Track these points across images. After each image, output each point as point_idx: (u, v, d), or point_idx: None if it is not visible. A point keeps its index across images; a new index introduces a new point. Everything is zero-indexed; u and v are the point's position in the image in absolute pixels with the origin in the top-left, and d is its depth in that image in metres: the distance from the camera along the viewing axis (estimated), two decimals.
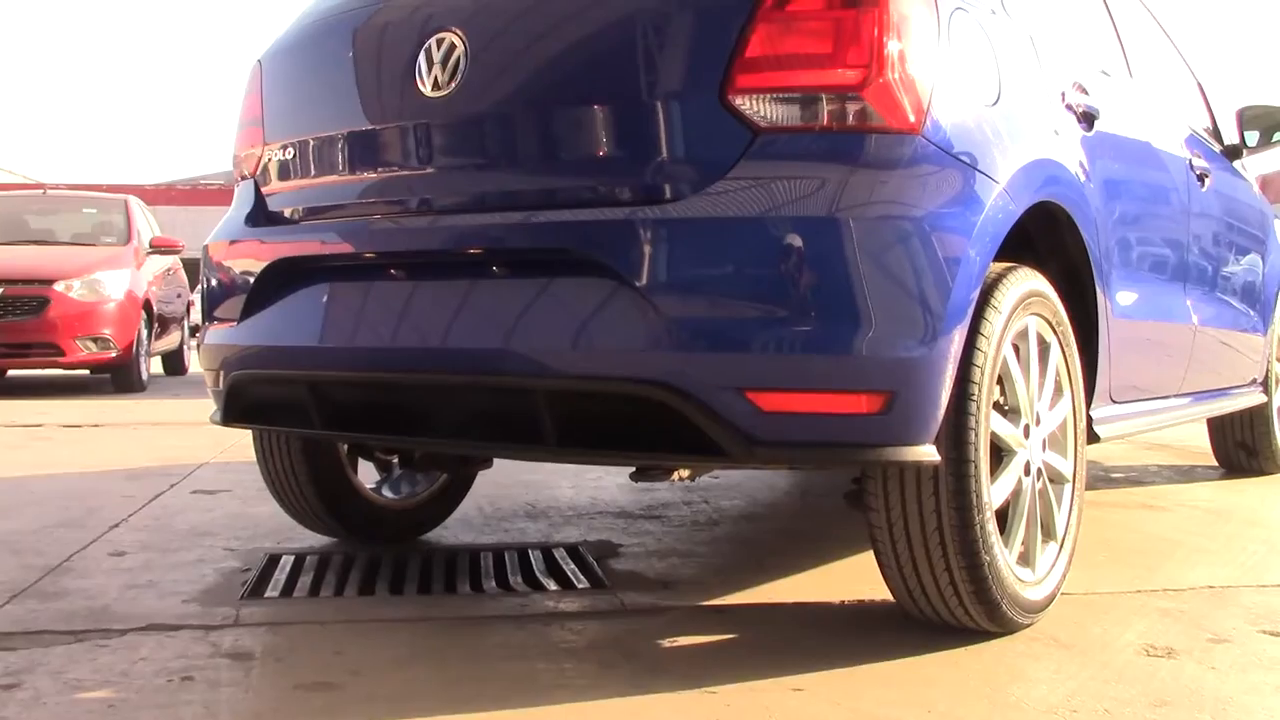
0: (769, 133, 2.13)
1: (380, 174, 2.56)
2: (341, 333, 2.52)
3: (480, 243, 2.36)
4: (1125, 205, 3.10)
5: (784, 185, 2.09)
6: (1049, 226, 2.66)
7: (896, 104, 2.13)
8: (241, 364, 2.70)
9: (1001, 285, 2.32)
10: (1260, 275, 4.49)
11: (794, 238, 2.04)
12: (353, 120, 2.59)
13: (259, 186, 2.81)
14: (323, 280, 2.58)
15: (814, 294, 2.03)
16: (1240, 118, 4.52)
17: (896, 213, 2.09)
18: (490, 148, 2.41)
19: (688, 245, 2.11)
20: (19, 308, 8.99)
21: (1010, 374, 2.40)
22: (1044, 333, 2.53)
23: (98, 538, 3.39)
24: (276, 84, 2.82)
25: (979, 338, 2.23)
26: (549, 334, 2.19)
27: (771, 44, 2.14)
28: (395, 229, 2.50)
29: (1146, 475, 4.90)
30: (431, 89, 2.41)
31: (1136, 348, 3.20)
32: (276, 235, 2.73)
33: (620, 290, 2.12)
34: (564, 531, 3.53)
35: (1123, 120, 3.20)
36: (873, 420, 2.08)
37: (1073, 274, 2.79)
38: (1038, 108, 2.62)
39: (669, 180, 2.18)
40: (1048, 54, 2.77)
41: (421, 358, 2.36)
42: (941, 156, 2.18)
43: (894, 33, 2.14)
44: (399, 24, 2.55)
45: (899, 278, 2.08)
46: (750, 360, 2.05)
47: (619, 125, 2.25)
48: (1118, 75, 3.40)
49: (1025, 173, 2.40)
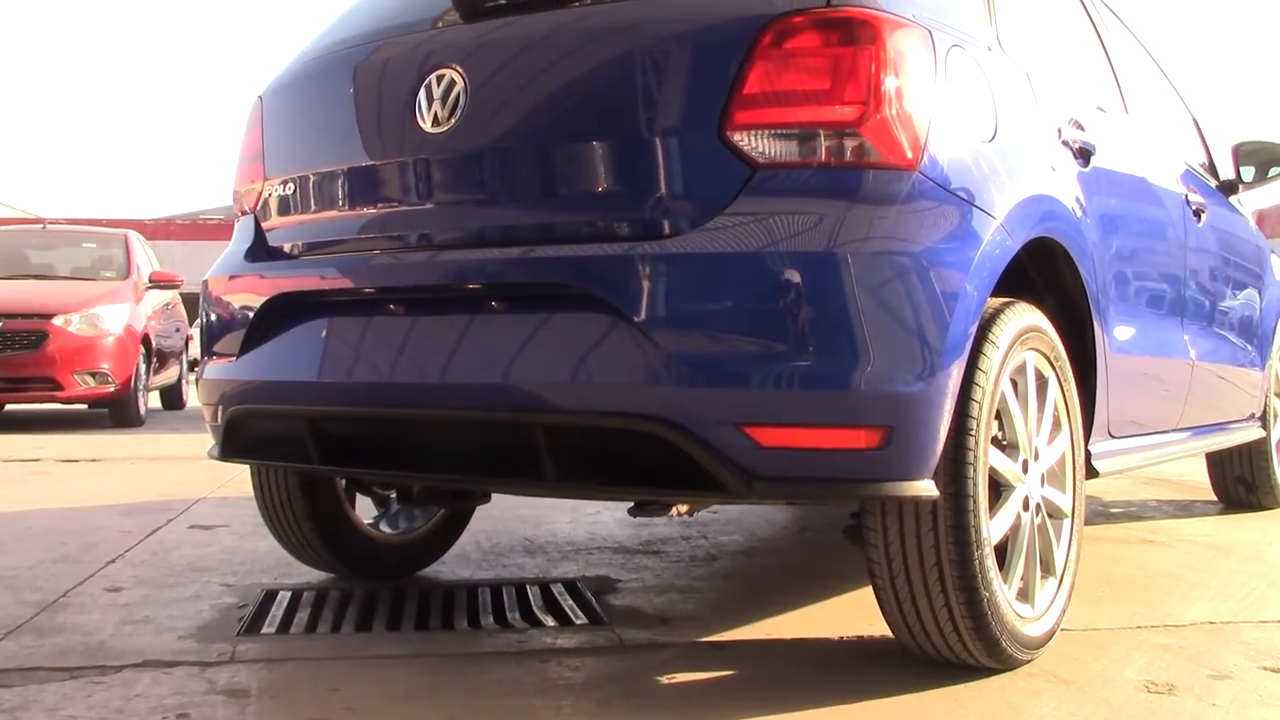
0: (767, 168, 2.14)
1: (380, 209, 2.57)
2: (340, 368, 2.52)
3: (479, 278, 2.37)
4: (1122, 240, 3.11)
5: (782, 221, 2.09)
6: (1046, 262, 2.66)
7: (894, 140, 2.15)
8: (240, 399, 2.70)
9: (999, 320, 2.33)
10: (1257, 310, 4.50)
11: (792, 273, 2.04)
12: (353, 156, 2.60)
13: (259, 222, 2.82)
14: (322, 315, 2.58)
15: (812, 329, 2.03)
16: (1236, 153, 4.54)
17: (894, 248, 2.10)
18: (490, 183, 2.42)
19: (686, 280, 2.11)
20: (17, 342, 8.98)
21: (1008, 409, 2.40)
22: (1042, 368, 2.54)
23: (94, 573, 3.37)
24: (277, 120, 2.84)
25: (977, 373, 2.23)
26: (547, 369, 2.20)
27: (770, 80, 2.16)
28: (394, 264, 2.51)
29: (1146, 510, 4.89)
30: (431, 125, 2.42)
31: (1134, 382, 3.20)
32: (276, 270, 2.73)
33: (619, 325, 2.13)
34: (562, 567, 3.52)
35: (1119, 156, 3.21)
36: (871, 455, 2.07)
37: (1070, 309, 2.79)
38: (1034, 144, 2.63)
39: (668, 215, 2.19)
40: (1044, 90, 2.78)
41: (420, 392, 2.36)
42: (939, 192, 2.19)
43: (891, 69, 2.15)
44: (400, 60, 2.57)
45: (897, 313, 2.09)
46: (749, 395, 2.05)
47: (618, 161, 2.26)
48: (1114, 111, 3.42)
49: (1022, 208, 2.41)
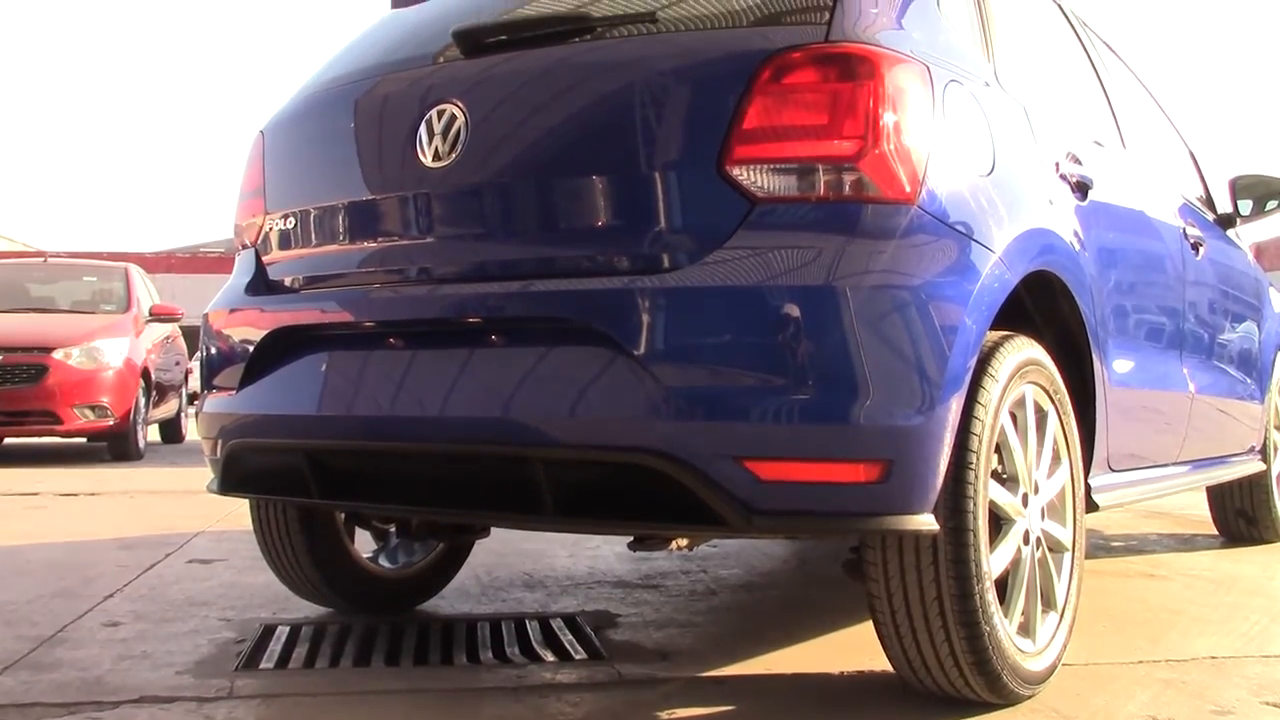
0: (766, 203, 2.15)
1: (380, 243, 2.58)
2: (340, 401, 2.52)
3: (479, 311, 2.37)
4: (1120, 274, 3.12)
5: (781, 255, 2.10)
6: (1045, 295, 2.67)
7: (892, 175, 2.16)
8: (239, 432, 2.70)
9: (998, 354, 2.33)
10: (1256, 343, 4.51)
11: (791, 307, 2.05)
12: (354, 190, 2.61)
13: (260, 255, 2.83)
14: (322, 349, 2.58)
15: (811, 363, 2.04)
16: (1233, 187, 4.56)
17: (893, 282, 2.11)
18: (490, 217, 2.43)
19: (685, 314, 2.12)
20: (17, 375, 8.98)
21: (1008, 442, 2.40)
22: (1041, 401, 2.54)
23: (92, 608, 3.36)
24: (278, 154, 2.85)
25: (976, 406, 2.23)
26: (547, 402, 2.20)
27: (769, 116, 2.17)
28: (394, 298, 2.51)
29: (1146, 544, 4.88)
30: (432, 159, 2.43)
31: (1134, 416, 3.20)
32: (276, 304, 2.74)
33: (618, 359, 2.13)
34: (561, 601, 3.50)
35: (1116, 190, 3.23)
36: (871, 489, 2.07)
37: (1069, 342, 2.80)
38: (1032, 178, 2.64)
39: (667, 250, 2.19)
40: (1041, 125, 2.80)
41: (420, 426, 2.36)
42: (937, 226, 2.20)
43: (889, 105, 2.17)
44: (401, 96, 2.58)
45: (896, 346, 2.09)
46: (748, 429, 2.05)
47: (617, 195, 2.27)
48: (1111, 146, 3.43)
49: (1020, 242, 2.42)
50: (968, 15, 2.71)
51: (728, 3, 2.43)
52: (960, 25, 2.64)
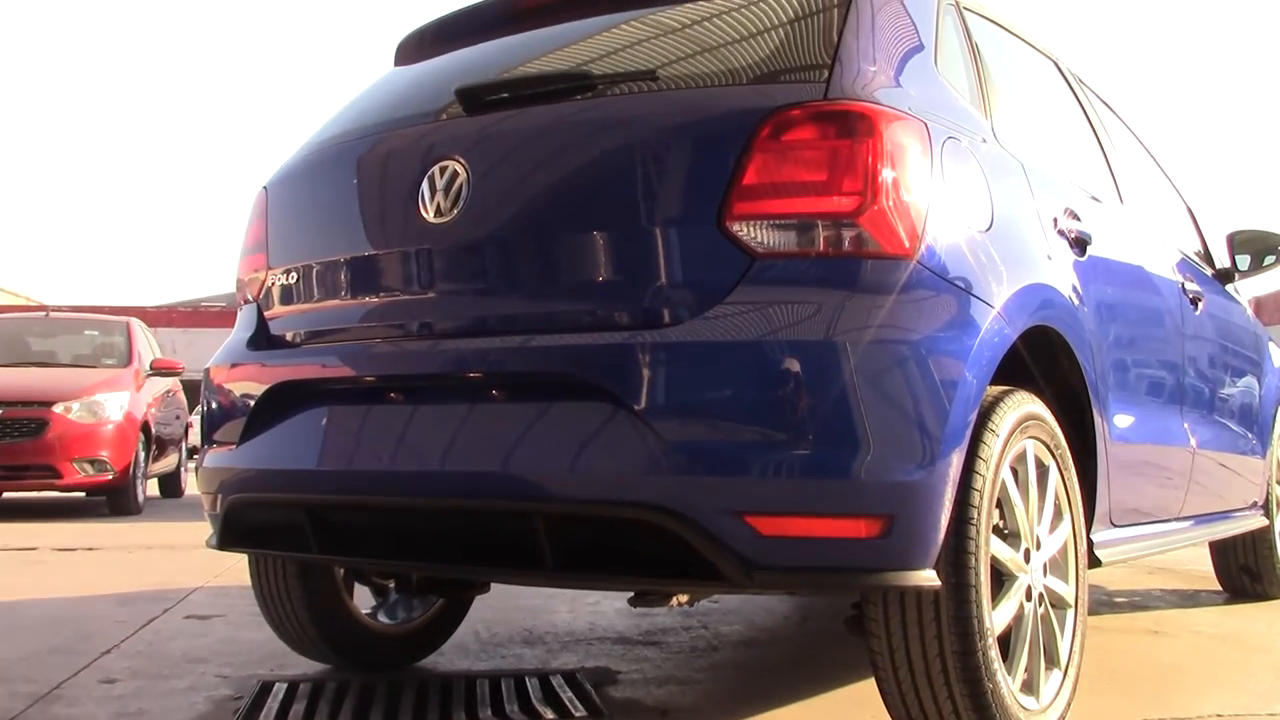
0: (766, 258, 2.16)
1: (382, 298, 2.59)
2: (340, 456, 2.52)
3: (480, 366, 2.38)
4: (1120, 328, 3.13)
5: (781, 310, 2.11)
6: (1044, 350, 2.68)
7: (891, 230, 2.17)
8: (239, 487, 2.69)
9: (999, 409, 2.33)
10: (1257, 397, 4.50)
11: (791, 362, 2.05)
12: (356, 246, 2.62)
13: (262, 310, 2.84)
14: (322, 404, 2.59)
15: (812, 418, 2.04)
16: (1231, 242, 4.58)
17: (893, 337, 2.11)
18: (491, 272, 2.44)
19: (686, 369, 2.12)
20: (17, 429, 8.98)
21: (1009, 497, 2.40)
22: (1042, 456, 2.53)
23: (88, 664, 3.34)
24: (281, 210, 2.87)
25: (977, 461, 2.23)
26: (548, 458, 2.19)
27: (768, 172, 2.19)
28: (396, 352, 2.52)
29: (1150, 600, 4.85)
30: (434, 215, 2.45)
31: (1135, 470, 3.19)
32: (278, 359, 2.74)
33: (619, 414, 2.13)
34: (561, 658, 3.48)
35: (1115, 245, 3.24)
36: (872, 544, 2.06)
37: (1069, 397, 2.80)
38: (1030, 233, 2.66)
39: (667, 305, 2.20)
40: (1039, 181, 2.82)
41: (420, 481, 2.35)
42: (937, 281, 2.21)
43: (888, 161, 2.18)
44: (403, 152, 2.61)
45: (896, 401, 2.09)
46: (749, 484, 2.05)
47: (618, 251, 2.28)
48: (1109, 201, 3.45)
49: (1019, 297, 2.43)
50: (965, 72, 2.74)
51: (727, 61, 2.46)
52: (958, 82, 2.67)
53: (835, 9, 2.46)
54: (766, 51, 2.49)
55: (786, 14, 2.55)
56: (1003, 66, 3.08)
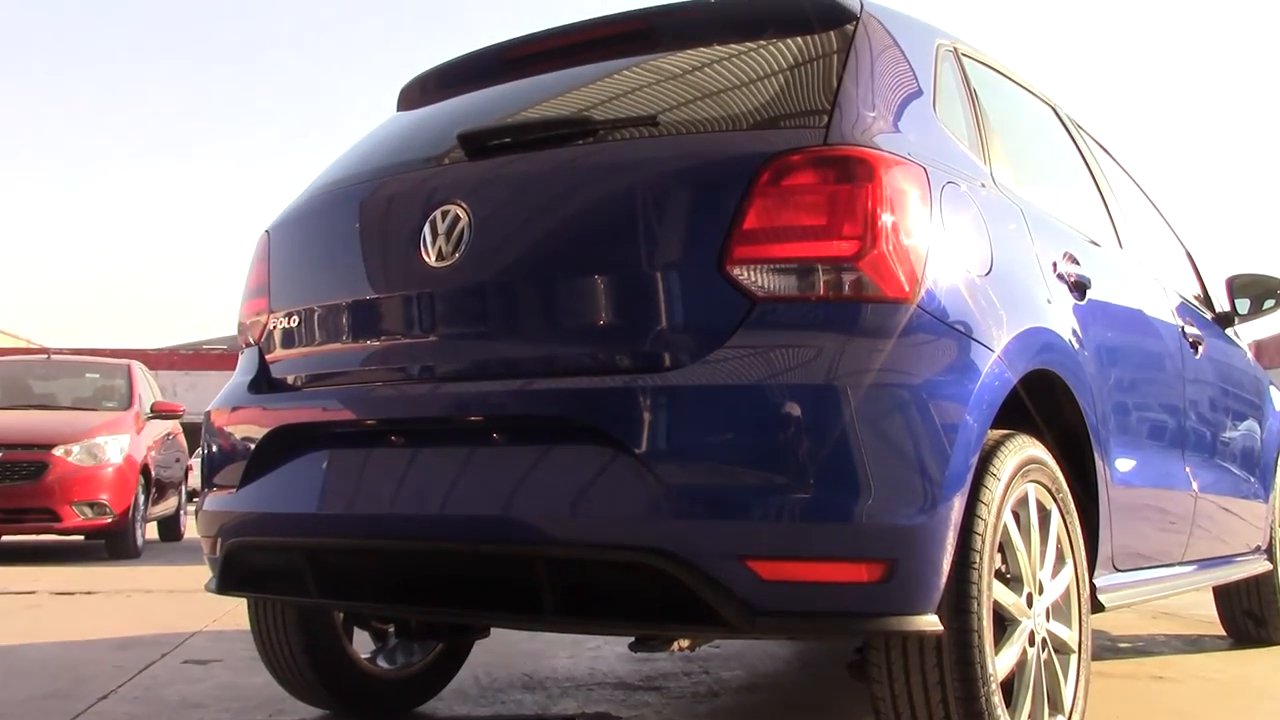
0: (767, 302, 2.17)
1: (383, 342, 2.59)
2: (340, 499, 2.51)
3: (481, 410, 2.38)
4: (1120, 372, 3.13)
5: (782, 353, 2.11)
6: (1045, 394, 2.68)
7: (891, 274, 2.18)
8: (239, 531, 2.69)
9: (1000, 452, 2.33)
10: (1259, 441, 4.50)
11: (792, 406, 2.05)
12: (358, 289, 2.63)
13: (263, 354, 2.84)
14: (323, 447, 2.58)
15: (813, 462, 2.03)
16: (1230, 286, 4.59)
17: (893, 381, 2.11)
18: (493, 316, 2.45)
19: (687, 413, 2.12)
20: (17, 472, 8.96)
21: (1011, 541, 2.39)
22: (1044, 500, 2.53)
23: (85, 709, 3.31)
24: (283, 254, 2.88)
25: (979, 505, 2.22)
26: (549, 501, 2.19)
27: (769, 217, 2.20)
28: (397, 396, 2.52)
29: (1154, 645, 4.82)
30: (436, 259, 2.46)
31: (1138, 514, 3.19)
32: (279, 402, 2.74)
33: (620, 457, 2.13)
34: (561, 704, 3.45)
35: (1114, 289, 3.25)
36: (874, 589, 2.06)
37: (1071, 441, 2.79)
38: (1030, 277, 2.66)
39: (668, 348, 2.21)
40: (1038, 225, 2.83)
41: (420, 525, 2.35)
42: (937, 325, 2.21)
43: (887, 206, 2.20)
44: (405, 196, 2.62)
45: (897, 445, 2.09)
46: (750, 528, 2.04)
47: (619, 295, 2.29)
48: (1108, 245, 3.47)
49: (1020, 341, 2.43)
50: (964, 118, 2.76)
51: (727, 106, 2.48)
52: (956, 128, 2.68)
53: (834, 55, 2.48)
54: (766, 97, 2.51)
55: (786, 60, 2.57)
56: (1001, 112, 3.10)
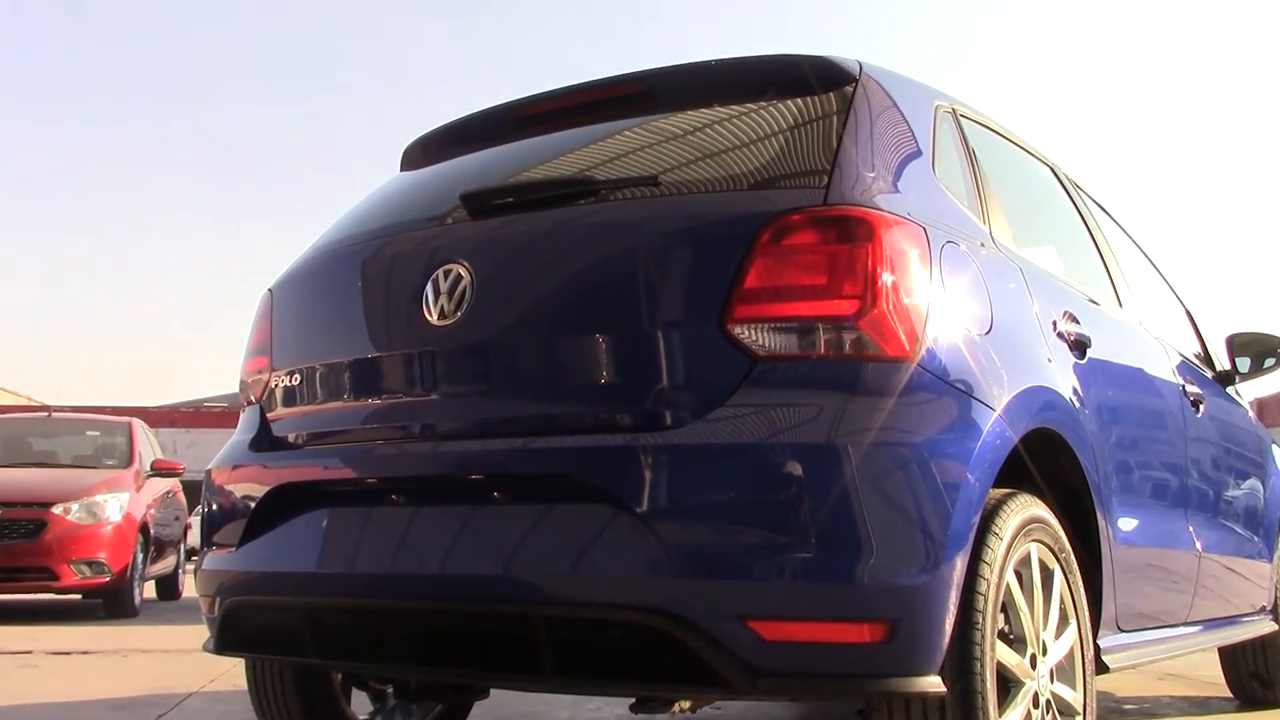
0: (768, 360, 2.17)
1: (385, 400, 2.60)
2: (340, 559, 2.50)
3: (482, 468, 2.37)
4: (1122, 431, 3.12)
5: (783, 412, 2.12)
6: (1046, 453, 2.67)
7: (892, 333, 2.18)
8: (237, 590, 2.67)
9: (1002, 511, 2.32)
10: (1262, 500, 4.48)
11: (793, 465, 2.05)
12: (360, 348, 2.64)
13: (264, 412, 2.84)
14: (323, 505, 2.58)
15: (814, 521, 2.03)
16: (1230, 344, 4.59)
17: (895, 439, 2.11)
18: (495, 374, 2.45)
19: (688, 471, 2.12)
20: (15, 530, 8.92)
21: (1014, 602, 2.37)
22: (1046, 559, 2.51)
23: None
24: (285, 312, 2.89)
25: (981, 565, 2.21)
26: (549, 560, 2.18)
27: (770, 276, 2.21)
28: (397, 454, 2.52)
29: (1160, 707, 4.77)
30: (438, 318, 2.46)
31: (1141, 574, 3.17)
32: (279, 460, 2.74)
33: (621, 516, 2.12)
34: None
35: (1114, 347, 3.25)
36: (876, 650, 2.04)
37: (1072, 500, 2.78)
38: (1030, 336, 2.67)
39: (669, 407, 2.21)
40: (1038, 284, 2.84)
41: (420, 584, 2.34)
42: (937, 384, 2.21)
43: (887, 265, 2.21)
44: (408, 255, 2.63)
45: (899, 504, 2.08)
46: (752, 588, 2.03)
47: (621, 353, 2.30)
48: (1107, 304, 3.48)
49: (1020, 399, 2.43)
50: (962, 178, 2.78)
51: (728, 166, 2.50)
52: (956, 188, 2.70)
53: (834, 116, 2.51)
54: (767, 157, 2.53)
55: (786, 121, 2.60)
56: (1000, 172, 3.12)
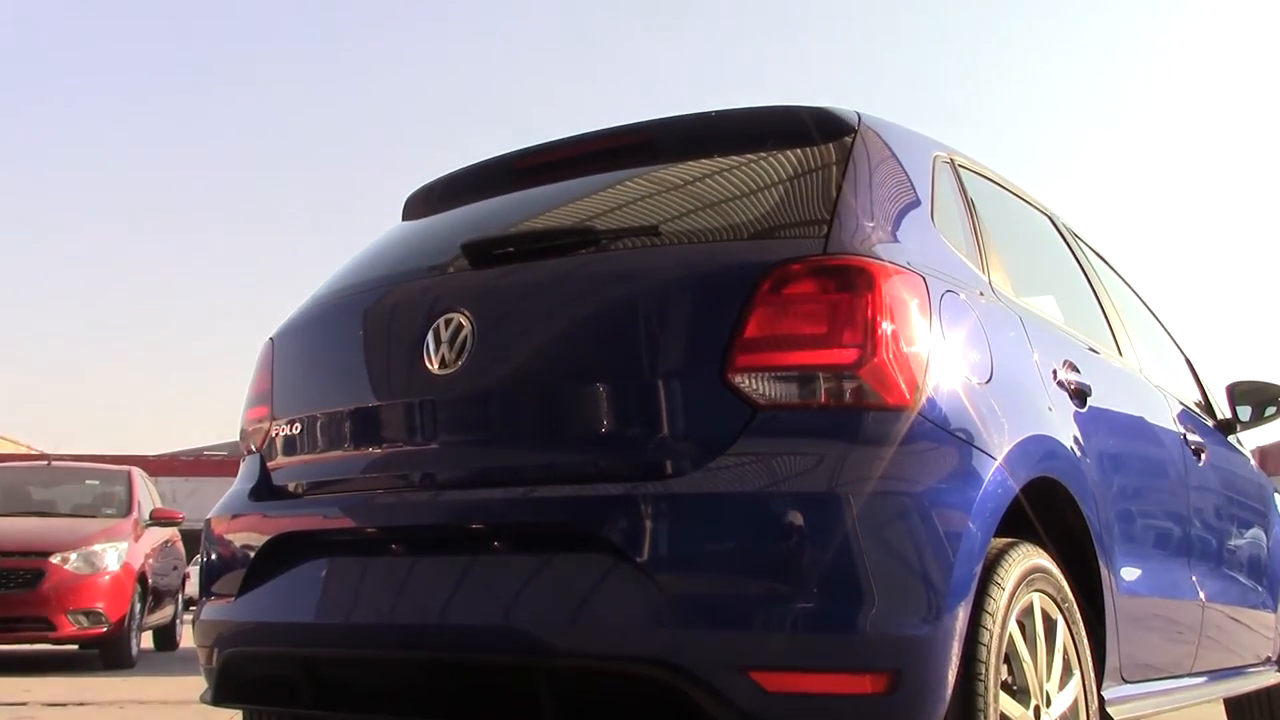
0: (768, 409, 2.17)
1: (385, 449, 2.59)
2: (339, 609, 2.49)
3: (482, 518, 2.36)
4: (1123, 480, 3.11)
5: (784, 461, 2.11)
6: (1048, 502, 2.66)
7: (892, 382, 2.18)
8: (236, 640, 2.65)
9: (1004, 561, 2.31)
10: (1265, 549, 4.45)
11: (794, 514, 2.05)
12: (360, 397, 2.64)
13: (265, 461, 2.84)
14: (323, 555, 2.56)
15: (815, 571, 2.02)
16: (1231, 393, 4.59)
17: (895, 488, 2.11)
18: (495, 424, 2.45)
19: (689, 521, 2.11)
20: (13, 580, 8.87)
21: (1017, 652, 2.36)
22: (1049, 610, 2.50)
23: None
24: (287, 361, 2.89)
25: (984, 615, 2.20)
26: (549, 611, 2.17)
27: (770, 325, 2.21)
28: (397, 503, 2.51)
29: None
30: (438, 367, 2.47)
31: (1145, 624, 3.15)
32: (279, 510, 2.73)
33: (621, 566, 2.11)
34: None
35: (1115, 396, 3.25)
36: (878, 701, 2.03)
37: (1074, 549, 2.77)
38: (1030, 385, 2.67)
39: (670, 456, 2.20)
40: (1038, 333, 2.84)
41: (419, 635, 2.32)
42: (938, 433, 2.21)
43: (887, 314, 2.21)
44: (409, 305, 2.64)
45: (900, 554, 2.08)
46: (753, 639, 2.02)
47: (621, 402, 2.30)
48: (1107, 352, 3.48)
49: (1021, 448, 2.43)
50: (961, 227, 2.79)
51: (728, 216, 2.51)
52: (955, 237, 2.71)
53: (834, 166, 2.52)
54: (767, 207, 2.54)
55: (786, 171, 2.61)
56: (998, 221, 3.13)
